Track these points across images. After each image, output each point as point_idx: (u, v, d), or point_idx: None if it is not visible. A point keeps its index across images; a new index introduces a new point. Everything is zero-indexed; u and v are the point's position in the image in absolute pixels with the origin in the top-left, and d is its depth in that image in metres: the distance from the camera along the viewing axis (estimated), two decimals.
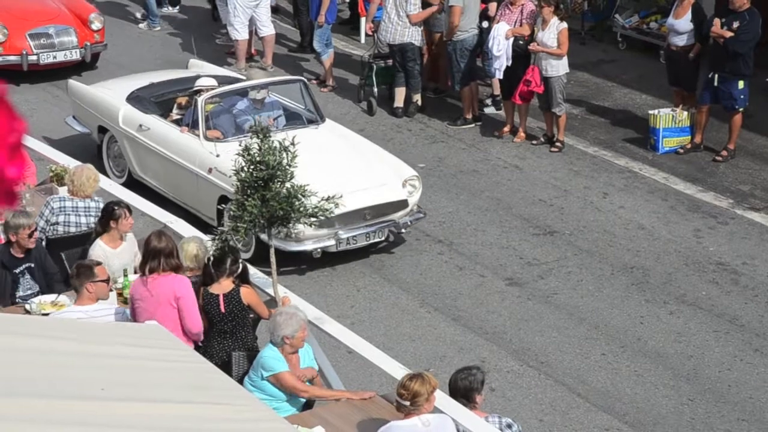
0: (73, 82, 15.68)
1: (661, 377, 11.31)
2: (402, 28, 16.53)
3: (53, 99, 17.38)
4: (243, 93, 13.93)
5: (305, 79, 14.52)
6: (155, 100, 14.57)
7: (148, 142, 14.01)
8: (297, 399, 9.20)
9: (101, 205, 11.27)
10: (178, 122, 13.96)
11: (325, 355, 9.88)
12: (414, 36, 16.56)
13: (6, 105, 4.01)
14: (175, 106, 14.29)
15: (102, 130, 14.84)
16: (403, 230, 13.29)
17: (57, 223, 11.08)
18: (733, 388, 11.19)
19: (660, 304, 12.46)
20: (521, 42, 15.70)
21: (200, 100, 13.55)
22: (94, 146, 15.12)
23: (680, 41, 15.61)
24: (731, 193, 14.82)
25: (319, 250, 12.74)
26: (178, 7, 21.53)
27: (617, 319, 12.23)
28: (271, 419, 6.50)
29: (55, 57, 17.82)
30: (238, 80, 14.76)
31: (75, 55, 17.99)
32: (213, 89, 13.90)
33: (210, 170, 13.14)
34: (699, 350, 11.72)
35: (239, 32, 18.15)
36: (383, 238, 13.15)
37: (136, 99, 14.56)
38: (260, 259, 12.23)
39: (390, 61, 17.00)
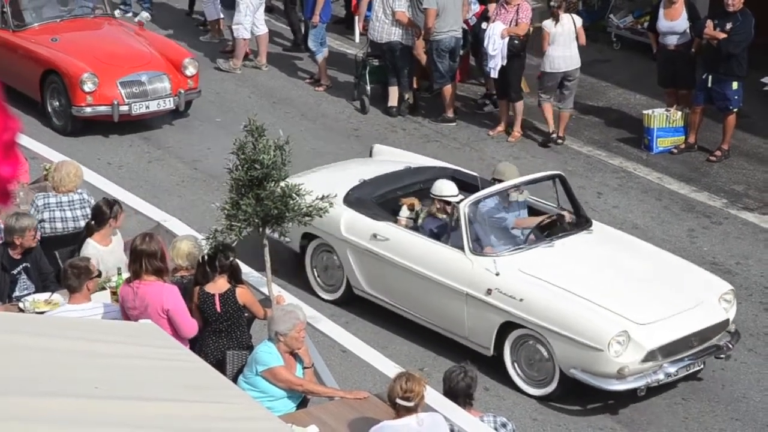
0: None
1: None
2: (389, 27, 16.50)
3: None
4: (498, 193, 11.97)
5: (562, 173, 12.51)
6: (377, 202, 12.38)
7: (388, 256, 11.82)
8: (291, 397, 9.19)
9: (85, 197, 11.24)
10: (417, 229, 11.91)
11: (319, 354, 9.88)
12: (401, 34, 16.54)
13: (0, 104, 4.01)
14: (404, 209, 12.13)
15: (306, 236, 12.60)
16: (722, 356, 11.29)
17: (43, 220, 11.06)
18: (726, 387, 11.20)
19: None
20: (516, 42, 15.73)
21: (463, 207, 11.41)
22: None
23: (676, 40, 15.62)
24: (725, 193, 14.83)
25: (643, 387, 10.73)
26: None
27: None
28: (264, 418, 6.50)
29: (147, 106, 16.11)
30: (457, 172, 12.91)
31: (168, 104, 16.29)
32: (454, 195, 11.87)
33: (489, 292, 11.15)
34: None
35: (247, 32, 18.20)
36: (702, 367, 11.25)
37: (356, 202, 12.28)
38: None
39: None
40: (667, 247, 13.46)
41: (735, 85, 15.11)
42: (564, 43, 15.63)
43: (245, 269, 10.15)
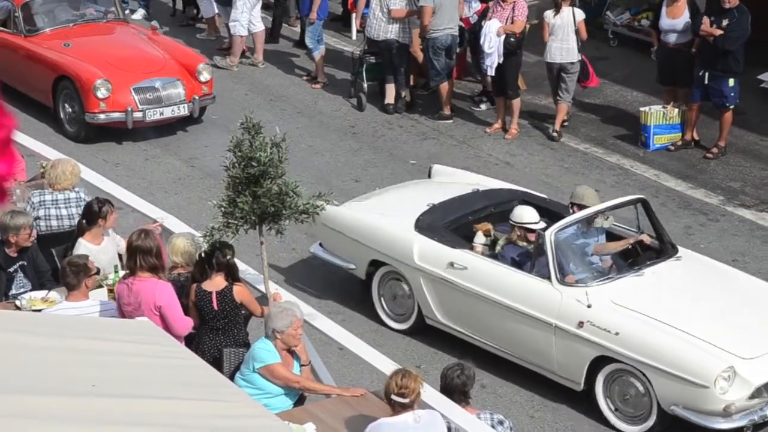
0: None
1: None
2: (386, 24, 16.50)
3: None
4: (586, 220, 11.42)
5: (645, 197, 12.06)
6: (448, 228, 11.84)
7: (467, 285, 11.28)
8: (288, 395, 9.20)
9: (82, 195, 11.25)
10: (495, 257, 11.39)
11: (316, 352, 9.88)
12: (397, 32, 16.53)
13: None
14: (479, 235, 11.61)
15: (374, 263, 12.08)
16: None
17: (38, 218, 11.06)
18: None
19: None
20: (512, 39, 15.73)
21: (549, 235, 10.86)
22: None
23: (677, 39, 15.62)
24: (722, 190, 14.84)
25: (749, 425, 10.25)
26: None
27: None
28: (261, 416, 6.50)
29: (161, 113, 15.84)
30: (527, 194, 12.40)
31: (183, 110, 15.99)
32: (534, 222, 11.37)
33: (581, 324, 10.61)
34: None
35: (244, 29, 18.20)
36: None
37: (429, 228, 11.73)
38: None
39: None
40: None
41: (731, 81, 15.10)
42: (562, 35, 15.67)
43: (242, 267, 10.16)
